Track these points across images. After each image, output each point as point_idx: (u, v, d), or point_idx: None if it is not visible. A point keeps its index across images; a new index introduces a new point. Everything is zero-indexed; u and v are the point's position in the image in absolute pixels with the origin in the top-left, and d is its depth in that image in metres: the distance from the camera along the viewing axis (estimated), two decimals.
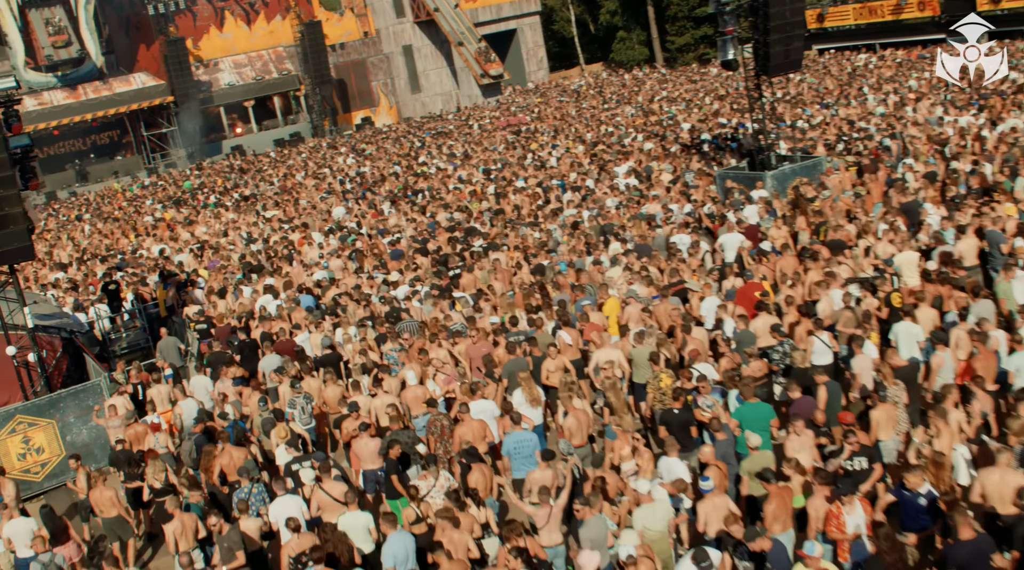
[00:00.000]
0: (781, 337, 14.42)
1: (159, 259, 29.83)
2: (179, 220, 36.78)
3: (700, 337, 15.38)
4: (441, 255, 23.24)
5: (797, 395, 12.63)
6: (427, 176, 35.81)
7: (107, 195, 51.37)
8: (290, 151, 57.37)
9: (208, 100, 64.08)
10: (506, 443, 13.15)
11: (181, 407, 16.42)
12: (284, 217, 32.99)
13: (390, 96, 70.12)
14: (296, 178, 42.83)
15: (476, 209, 28.22)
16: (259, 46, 67.38)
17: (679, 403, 12.97)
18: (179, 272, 27.15)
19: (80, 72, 60.61)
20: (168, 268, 27.72)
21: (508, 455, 13.05)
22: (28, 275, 31.45)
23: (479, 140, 42.95)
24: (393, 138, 52.66)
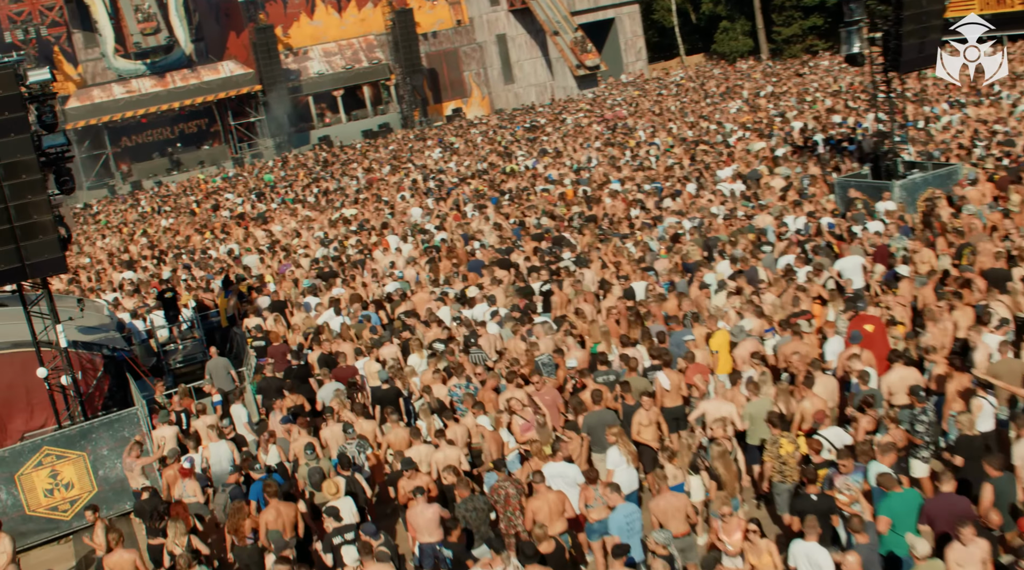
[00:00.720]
0: (922, 403, 11.70)
1: (227, 261, 28.06)
2: (254, 216, 35.08)
3: (827, 389, 12.79)
4: (527, 268, 20.93)
5: (950, 487, 9.92)
6: (516, 174, 33.50)
7: (190, 187, 50.15)
8: (378, 142, 55.56)
9: (297, 89, 62.71)
10: (614, 519, 10.73)
11: (210, 448, 14.35)
12: (363, 216, 31.00)
13: (482, 87, 67.99)
14: (381, 172, 40.91)
15: (563, 212, 25.82)
16: (350, 34, 65.79)
17: (814, 486, 10.39)
18: (246, 276, 25.32)
19: (169, 60, 59.68)
20: (235, 271, 25.90)
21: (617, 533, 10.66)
22: (96, 275, 30.05)
23: (573, 135, 40.47)
24: (483, 131, 50.46)
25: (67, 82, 60.82)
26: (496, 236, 24.49)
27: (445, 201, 30.56)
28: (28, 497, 15.51)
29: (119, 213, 44.87)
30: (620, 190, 27.01)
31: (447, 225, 26.72)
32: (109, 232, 38.71)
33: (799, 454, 11.51)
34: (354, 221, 30.24)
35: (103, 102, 57.54)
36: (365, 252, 25.60)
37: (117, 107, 57.63)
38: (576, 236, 22.95)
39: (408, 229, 27.47)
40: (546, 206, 26.91)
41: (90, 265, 32.23)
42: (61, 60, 61.24)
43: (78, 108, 57.00)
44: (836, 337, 14.26)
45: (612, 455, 11.91)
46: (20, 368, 17.20)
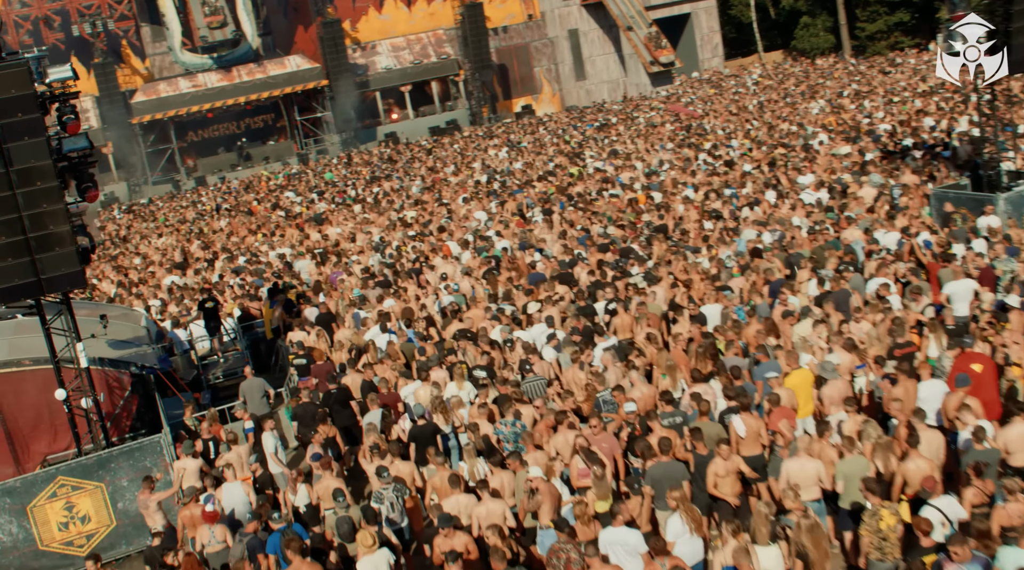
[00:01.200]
0: None
1: (278, 265, 26.81)
2: (310, 217, 33.87)
3: (931, 447, 10.98)
4: (590, 284, 19.29)
5: None
6: (584, 177, 31.81)
7: (252, 184, 49.26)
8: (444, 140, 54.19)
9: (364, 84, 61.60)
10: None
11: (224, 489, 12.93)
12: (423, 219, 29.56)
13: (553, 83, 66.32)
14: (445, 172, 39.48)
15: (632, 221, 24.08)
16: (418, 29, 64.53)
17: None
18: (296, 283, 24.01)
19: (236, 54, 58.95)
20: (284, 278, 24.63)
21: None
22: (143, 277, 29.04)
23: (644, 135, 38.63)
24: (552, 129, 48.78)
25: (135, 76, 60.49)
26: (560, 245, 22.87)
27: (509, 204, 28.96)
28: (41, 531, 14.29)
29: (178, 210, 44.04)
30: (693, 198, 25.18)
31: (507, 233, 25.13)
32: (167, 230, 37.81)
33: (901, 527, 9.75)
34: (414, 224, 28.81)
35: (169, 96, 56.98)
36: (422, 259, 24.15)
37: (183, 102, 57.03)
38: (645, 248, 21.22)
39: (470, 235, 25.97)
40: (614, 213, 25.21)
41: (142, 265, 31.25)
42: (129, 54, 60.92)
43: (144, 102, 56.51)
44: (935, 380, 12.41)
45: (673, 524, 10.24)
46: (43, 386, 16.01)
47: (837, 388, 12.44)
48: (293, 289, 22.95)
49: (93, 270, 32.20)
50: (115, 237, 39.31)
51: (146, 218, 43.90)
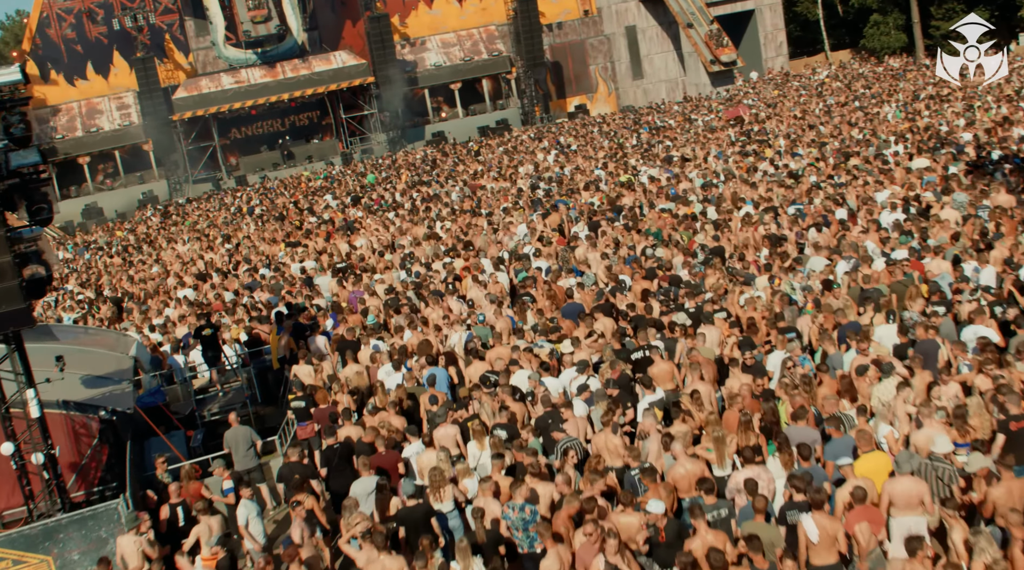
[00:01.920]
0: None
1: (298, 280, 24.66)
2: (341, 225, 31.71)
3: None
4: (632, 317, 16.86)
5: None
6: (634, 186, 29.26)
7: (291, 185, 47.32)
8: (492, 141, 51.85)
9: (412, 81, 59.56)
10: None
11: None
12: (458, 232, 27.24)
13: (609, 82, 63.76)
14: (489, 176, 37.12)
15: (685, 241, 21.56)
16: (469, 24, 62.33)
17: None
18: (310, 302, 21.84)
19: (280, 49, 57.16)
20: (298, 298, 22.47)
21: None
22: (156, 290, 27.09)
23: (702, 141, 35.93)
24: (606, 131, 46.20)
25: (178, 71, 58.96)
26: (604, 269, 20.42)
27: (552, 216, 26.51)
28: None
29: (210, 213, 42.19)
30: (754, 214, 22.56)
31: (545, 252, 22.70)
32: (193, 234, 35.91)
33: None
34: (447, 238, 26.51)
35: (211, 92, 55.32)
36: (451, 280, 21.81)
37: (225, 98, 55.35)
38: (698, 276, 18.71)
39: (506, 251, 23.62)
40: (665, 230, 22.70)
41: (158, 276, 29.32)
42: (172, 49, 59.44)
43: (185, 98, 54.90)
44: None
45: None
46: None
47: (922, 487, 9.89)
48: (304, 312, 20.79)
49: (113, 278, 30.39)
50: (142, 241, 37.52)
51: (178, 220, 42.09)
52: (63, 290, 29.66)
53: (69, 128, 56.79)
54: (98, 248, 37.93)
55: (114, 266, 32.78)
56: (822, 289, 16.36)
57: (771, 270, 17.98)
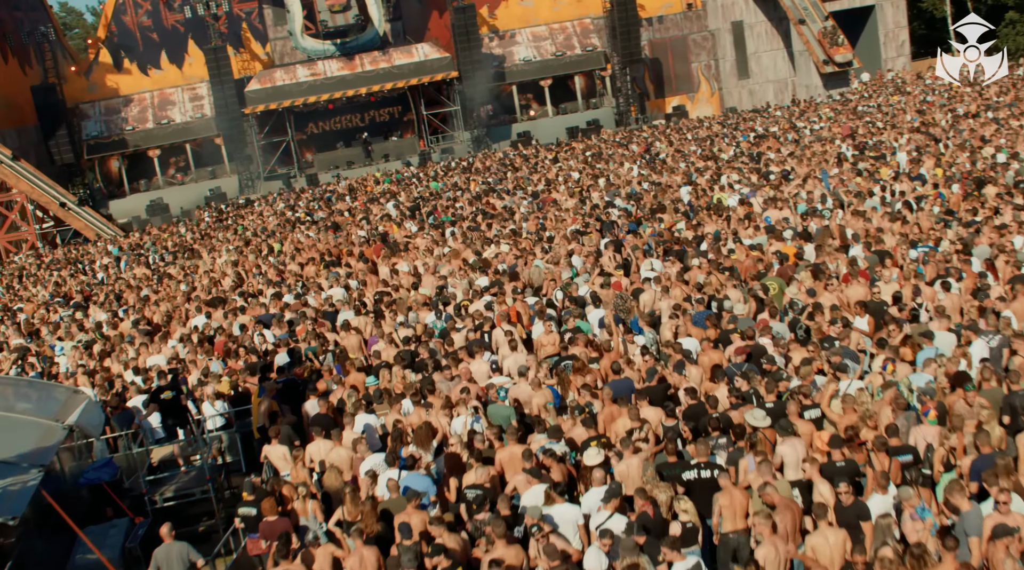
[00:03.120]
0: None
1: (316, 315, 21.00)
2: (388, 241, 28.03)
3: None
4: (688, 409, 12.80)
5: None
6: (722, 211, 24.95)
7: (357, 187, 43.98)
8: (579, 144, 47.76)
9: (499, 76, 55.85)
10: None
11: None
12: (508, 260, 23.28)
13: (712, 81, 59.13)
14: (566, 187, 33.03)
15: (774, 291, 17.35)
16: (563, 16, 58.31)
17: None
18: (320, 351, 18.23)
19: (360, 40, 53.94)
20: (306, 340, 18.88)
21: None
22: (168, 316, 23.78)
23: (807, 155, 31.25)
24: (702, 136, 41.68)
25: (254, 62, 56.28)
26: (671, 328, 16.32)
27: (620, 251, 22.33)
28: None
29: (263, 216, 39.00)
30: (866, 258, 18.16)
31: (606, 295, 18.62)
32: (233, 244, 32.65)
33: None
34: (493, 267, 22.61)
35: (284, 85, 52.38)
36: (487, 328, 17.93)
37: (299, 91, 52.34)
38: (785, 347, 14.45)
39: (559, 291, 19.68)
40: (751, 274, 18.47)
41: (185, 296, 26.09)
42: (249, 38, 56.78)
43: (258, 91, 52.05)
44: None
45: None
46: None
47: None
48: (304, 365, 17.21)
49: (138, 299, 27.29)
50: (176, 249, 34.51)
51: (228, 224, 39.04)
52: (72, 307, 26.63)
53: (140, 119, 54.51)
54: (137, 255, 35.01)
55: (140, 280, 29.72)
56: (951, 386, 12.04)
57: (883, 349, 13.60)
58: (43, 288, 30.98)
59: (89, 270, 33.96)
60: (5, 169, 43.67)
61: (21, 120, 51.40)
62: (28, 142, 51.90)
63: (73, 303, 27.79)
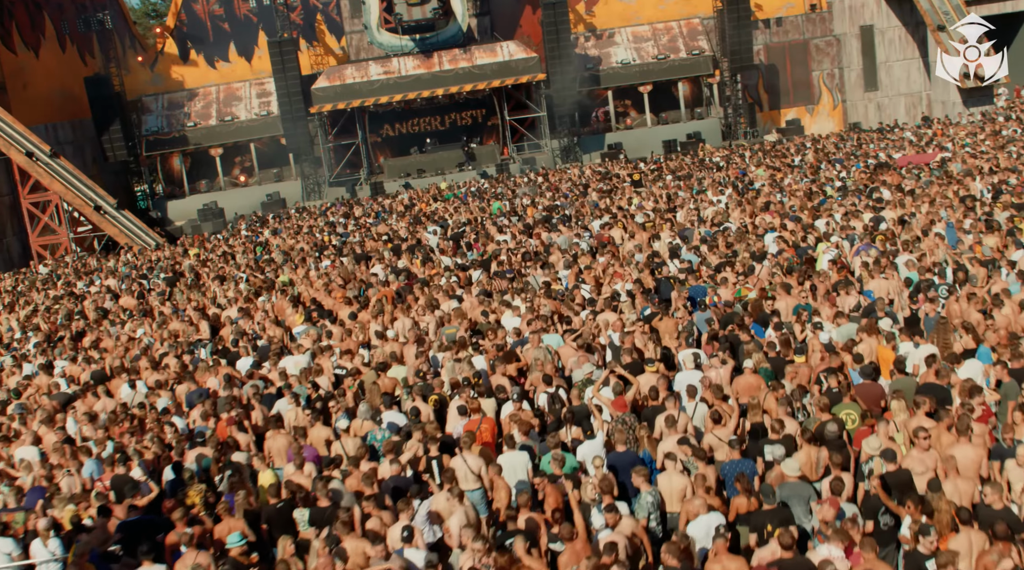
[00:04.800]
0: None
1: (252, 397, 16.10)
2: (406, 284, 22.88)
3: None
4: None
5: None
6: (816, 275, 19.15)
7: (417, 199, 39.18)
8: (672, 162, 41.96)
9: (593, 80, 50.47)
10: None
11: None
12: (533, 324, 17.99)
13: (835, 92, 52.57)
14: (629, 224, 27.37)
15: (849, 423, 11.81)
16: (669, 15, 52.49)
17: None
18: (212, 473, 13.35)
19: (442, 36, 49.08)
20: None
21: None
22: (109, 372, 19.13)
23: (930, 195, 25.00)
24: (810, 159, 35.44)
25: (328, 56, 52.00)
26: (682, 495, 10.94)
27: (665, 321, 16.82)
28: None
29: (298, 234, 34.33)
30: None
31: (610, 415, 13.22)
32: (243, 273, 27.97)
33: None
34: (497, 341, 17.37)
35: (354, 83, 47.91)
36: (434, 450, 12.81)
37: (370, 90, 47.82)
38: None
39: (541, 398, 14.57)
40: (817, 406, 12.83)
41: (177, 336, 21.63)
42: (324, 31, 52.49)
43: (325, 89, 47.70)
44: None
45: None
46: None
47: None
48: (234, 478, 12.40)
49: (74, 347, 22.87)
50: (174, 274, 30.08)
51: (259, 241, 34.52)
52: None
53: (203, 115, 50.77)
54: (141, 277, 30.66)
55: (116, 315, 25.25)
56: None
57: None
58: (13, 315, 26.79)
59: (84, 292, 29.76)
60: (39, 167, 40.14)
61: (77, 113, 48.09)
62: (84, 137, 48.61)
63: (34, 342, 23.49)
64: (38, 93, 45.91)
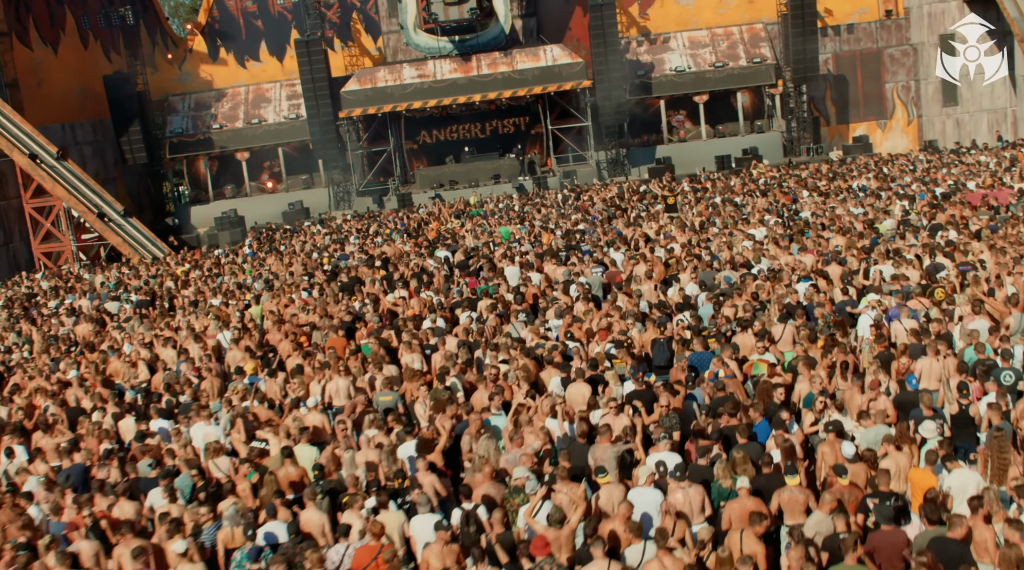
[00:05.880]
0: None
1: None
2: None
3: None
4: None
5: None
6: (846, 329, 15.57)
7: (435, 216, 36.04)
8: (719, 180, 38.24)
9: (645, 88, 46.96)
10: None
11: None
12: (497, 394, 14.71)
13: (910, 107, 48.24)
14: (658, 250, 23.90)
15: None
16: (730, 20, 48.69)
17: None
18: None
19: (483, 38, 45.97)
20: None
21: None
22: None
23: (1004, 239, 21.08)
24: (874, 187, 31.45)
25: (363, 57, 49.13)
26: None
27: (651, 408, 13.45)
28: None
29: (295, 253, 31.37)
30: None
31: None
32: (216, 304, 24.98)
33: None
34: (482, 399, 14.09)
35: (386, 87, 44.95)
36: None
37: (402, 95, 44.84)
38: None
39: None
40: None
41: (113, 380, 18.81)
42: (360, 30, 49.61)
43: (355, 93, 44.82)
44: None
45: None
46: None
47: None
48: None
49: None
50: (148, 296, 27.23)
51: (239, 262, 31.60)
52: None
53: (230, 117, 48.24)
54: (114, 296, 27.90)
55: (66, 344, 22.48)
56: None
57: None
58: None
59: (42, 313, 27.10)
60: (42, 170, 37.75)
61: (98, 112, 45.81)
62: (105, 137, 46.31)
63: None
64: (55, 91, 43.68)
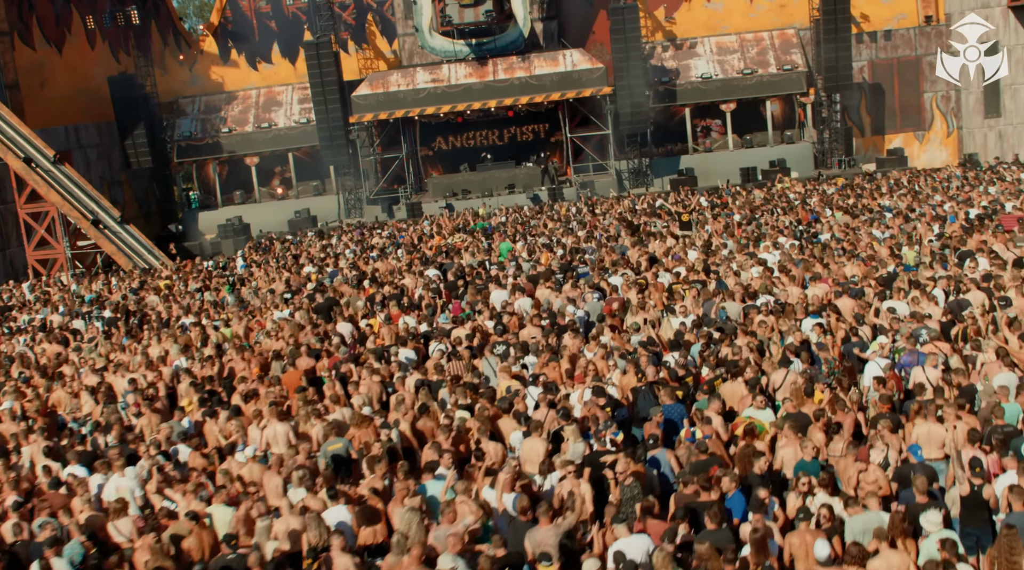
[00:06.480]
0: None
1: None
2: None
3: None
4: None
5: None
6: (854, 376, 13.62)
7: (436, 226, 34.33)
8: (738, 197, 36.15)
9: (669, 95, 44.97)
10: None
11: None
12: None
13: (950, 118, 45.81)
14: (663, 276, 21.96)
15: None
16: (760, 25, 46.52)
17: None
18: None
19: (501, 42, 44.17)
20: None
21: None
22: None
23: None
24: (902, 209, 29.23)
25: (378, 60, 47.51)
26: None
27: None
28: None
29: (282, 268, 29.72)
30: None
31: None
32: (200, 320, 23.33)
33: None
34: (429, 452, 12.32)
35: (398, 91, 43.33)
36: None
37: (415, 100, 43.19)
38: None
39: None
40: None
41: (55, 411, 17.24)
42: (375, 32, 47.98)
43: (366, 97, 43.27)
44: None
45: None
46: None
47: None
48: None
49: None
50: (128, 311, 25.68)
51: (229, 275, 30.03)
52: None
53: (240, 121, 46.80)
54: (86, 312, 26.35)
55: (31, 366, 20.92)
56: None
57: None
58: None
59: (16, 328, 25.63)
60: (36, 175, 36.39)
61: (105, 114, 44.50)
62: (112, 140, 45.03)
63: None
64: (58, 92, 42.38)
